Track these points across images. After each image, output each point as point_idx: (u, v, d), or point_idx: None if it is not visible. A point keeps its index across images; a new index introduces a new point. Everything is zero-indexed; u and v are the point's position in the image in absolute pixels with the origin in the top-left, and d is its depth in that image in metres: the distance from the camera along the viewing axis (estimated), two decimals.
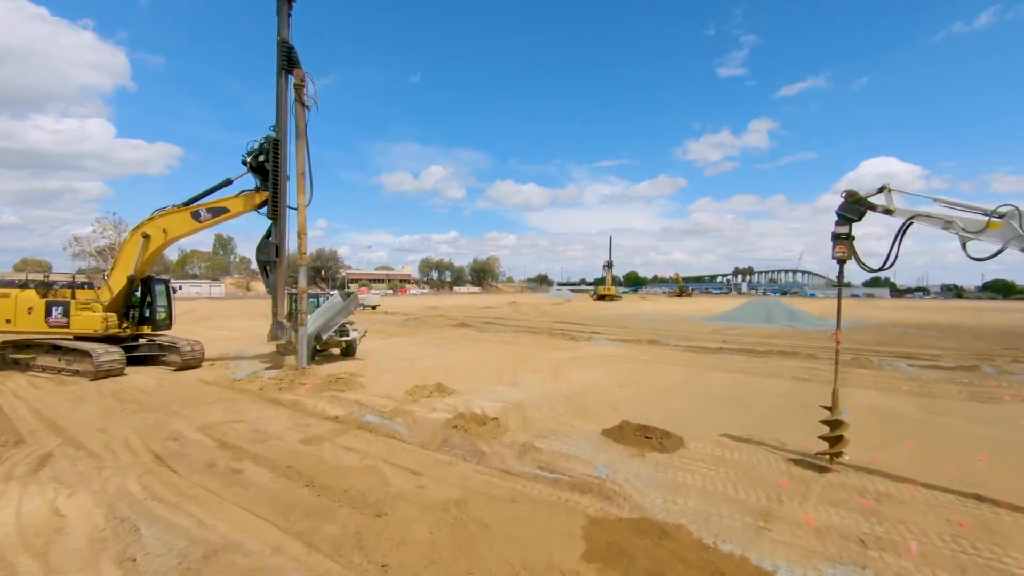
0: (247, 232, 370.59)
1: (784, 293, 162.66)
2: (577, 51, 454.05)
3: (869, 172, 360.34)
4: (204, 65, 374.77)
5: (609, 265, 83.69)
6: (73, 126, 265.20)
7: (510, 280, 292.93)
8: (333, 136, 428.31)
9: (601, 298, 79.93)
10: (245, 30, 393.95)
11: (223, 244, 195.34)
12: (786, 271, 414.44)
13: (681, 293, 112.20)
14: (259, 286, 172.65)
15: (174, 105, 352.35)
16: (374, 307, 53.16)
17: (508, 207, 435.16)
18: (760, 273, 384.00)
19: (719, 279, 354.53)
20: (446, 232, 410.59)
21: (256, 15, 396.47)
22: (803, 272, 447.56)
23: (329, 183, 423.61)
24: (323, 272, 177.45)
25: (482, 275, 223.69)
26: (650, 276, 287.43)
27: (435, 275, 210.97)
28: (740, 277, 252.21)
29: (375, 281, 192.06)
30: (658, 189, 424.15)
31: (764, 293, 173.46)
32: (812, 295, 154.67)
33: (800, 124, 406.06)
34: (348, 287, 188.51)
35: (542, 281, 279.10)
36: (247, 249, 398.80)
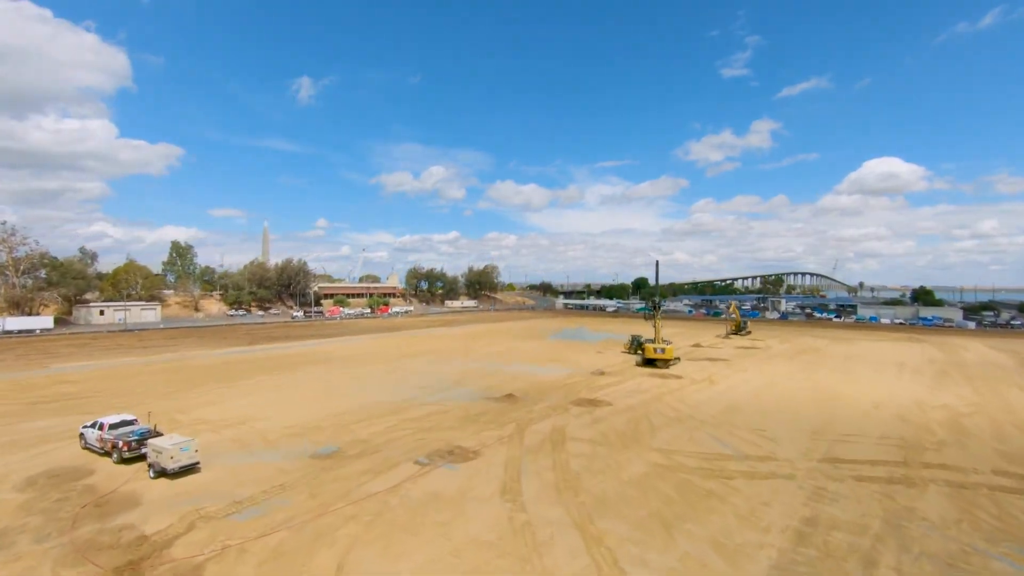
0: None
1: (838, 315, 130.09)
2: (579, 52, 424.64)
3: (872, 172, 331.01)
4: (205, 65, 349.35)
5: (656, 305, 51.47)
6: (74, 126, 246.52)
7: (511, 287, 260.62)
8: (334, 136, 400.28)
9: (650, 363, 48.26)
10: (246, 30, 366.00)
11: (181, 252, 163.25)
12: (795, 273, 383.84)
13: (739, 330, 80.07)
14: (211, 306, 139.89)
15: (175, 106, 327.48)
16: (166, 471, 21.37)
17: (509, 207, 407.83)
18: (759, 277, 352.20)
19: (735, 284, 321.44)
20: (447, 232, 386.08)
21: (257, 15, 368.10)
22: (810, 274, 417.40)
23: (330, 183, 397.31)
24: (291, 287, 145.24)
25: (478, 286, 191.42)
26: (655, 280, 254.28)
27: (424, 285, 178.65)
28: (769, 285, 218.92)
29: (354, 296, 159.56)
30: (659, 190, 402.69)
31: (808, 312, 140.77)
32: (873, 319, 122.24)
33: (802, 124, 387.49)
34: (319, 305, 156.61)
35: (545, 291, 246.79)
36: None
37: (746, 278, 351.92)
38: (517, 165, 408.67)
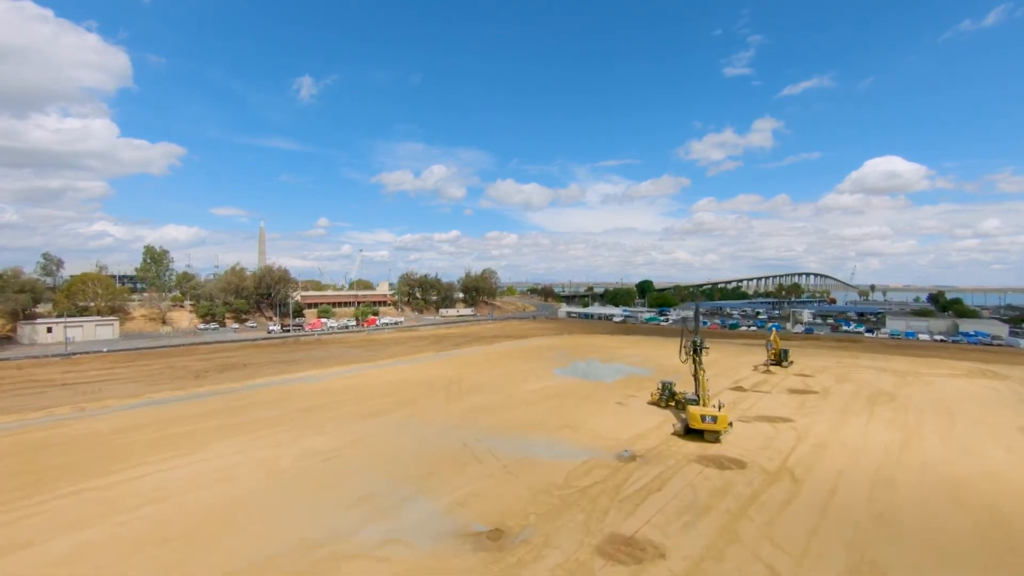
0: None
1: (870, 331, 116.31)
2: (581, 51, 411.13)
3: (873, 171, 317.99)
4: (206, 65, 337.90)
5: (697, 348, 38.00)
6: (75, 126, 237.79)
7: (510, 291, 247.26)
8: (335, 135, 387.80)
9: (694, 432, 35.17)
10: (246, 30, 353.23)
11: (156, 258, 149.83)
12: (798, 274, 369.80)
13: (779, 361, 66.75)
14: (181, 318, 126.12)
15: (176, 105, 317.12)
16: None
17: (510, 207, 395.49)
18: (770, 278, 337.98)
19: (742, 286, 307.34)
20: (447, 231, 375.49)
21: (257, 15, 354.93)
22: (815, 275, 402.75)
23: (331, 182, 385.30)
24: (271, 296, 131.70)
25: (475, 292, 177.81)
26: (657, 279, 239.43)
27: (417, 292, 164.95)
28: (784, 290, 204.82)
29: (341, 304, 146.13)
30: (660, 189, 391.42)
31: (832, 324, 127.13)
32: (909, 335, 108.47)
33: (804, 123, 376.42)
34: (302, 315, 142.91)
35: (547, 295, 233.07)
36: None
37: (752, 279, 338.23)
38: (518, 164, 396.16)
